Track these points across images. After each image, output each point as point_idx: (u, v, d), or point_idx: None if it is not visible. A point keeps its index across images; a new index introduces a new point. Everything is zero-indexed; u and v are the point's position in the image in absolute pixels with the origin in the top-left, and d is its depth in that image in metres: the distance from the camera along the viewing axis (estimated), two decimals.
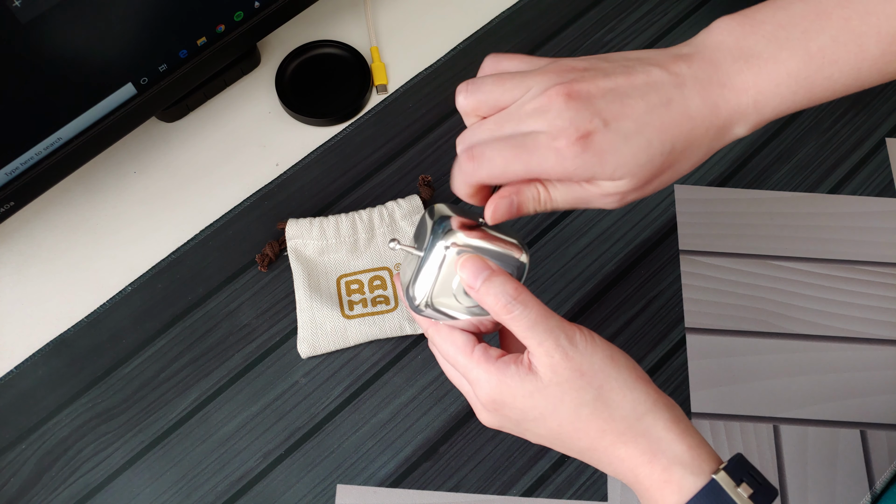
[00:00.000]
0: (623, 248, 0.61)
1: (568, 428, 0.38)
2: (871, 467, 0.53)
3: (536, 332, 0.37)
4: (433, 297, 0.39)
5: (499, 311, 0.37)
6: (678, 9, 0.71)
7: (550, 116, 0.35)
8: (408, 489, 0.52)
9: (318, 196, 0.63)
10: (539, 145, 0.35)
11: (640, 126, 0.35)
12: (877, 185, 0.63)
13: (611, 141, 0.35)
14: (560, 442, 0.39)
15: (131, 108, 0.57)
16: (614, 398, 0.37)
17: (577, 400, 0.37)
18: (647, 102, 0.35)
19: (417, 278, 0.39)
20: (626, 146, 0.35)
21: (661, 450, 0.36)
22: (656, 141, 0.35)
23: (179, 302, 0.59)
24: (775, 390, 0.55)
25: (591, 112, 0.35)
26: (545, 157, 0.35)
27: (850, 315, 0.58)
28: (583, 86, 0.35)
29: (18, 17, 0.45)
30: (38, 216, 0.63)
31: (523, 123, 0.36)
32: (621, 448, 0.37)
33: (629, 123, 0.35)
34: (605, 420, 0.37)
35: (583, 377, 0.37)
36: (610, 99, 0.35)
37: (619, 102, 0.35)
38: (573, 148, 0.34)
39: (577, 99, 0.35)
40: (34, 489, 0.52)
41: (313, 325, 0.56)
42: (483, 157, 0.36)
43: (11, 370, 0.56)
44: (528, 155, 0.35)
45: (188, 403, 0.55)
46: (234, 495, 0.52)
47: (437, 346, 0.41)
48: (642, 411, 0.37)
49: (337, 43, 0.68)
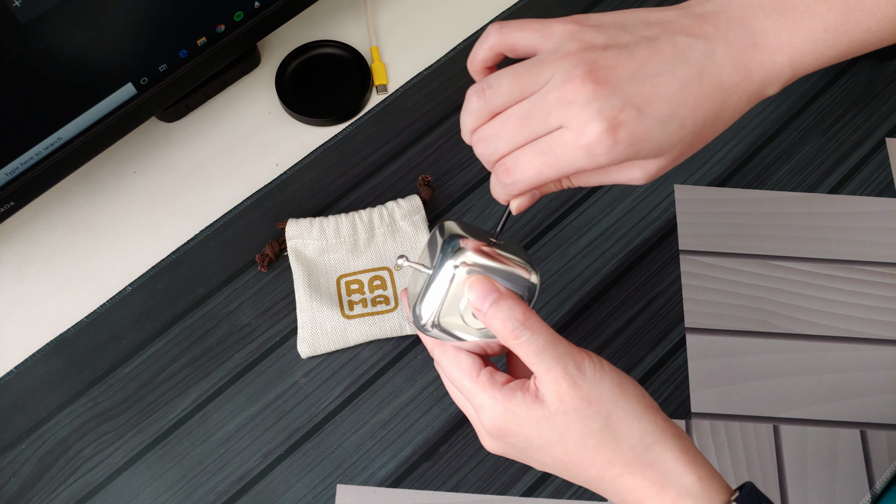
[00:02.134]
0: (623, 248, 0.61)
1: (574, 457, 0.37)
2: (871, 467, 0.53)
3: (544, 358, 0.36)
4: (440, 317, 0.38)
5: (506, 335, 0.36)
6: None
7: (577, 108, 0.32)
8: (408, 489, 0.52)
9: (318, 196, 0.63)
10: (567, 146, 0.33)
11: (674, 107, 0.33)
12: (877, 185, 0.63)
13: (646, 128, 0.32)
14: (566, 471, 0.38)
15: (131, 108, 0.57)
16: (622, 428, 0.36)
17: (584, 430, 0.36)
18: (678, 79, 0.33)
19: (425, 297, 0.38)
20: (661, 131, 0.33)
21: (671, 481, 0.35)
22: (689, 120, 0.33)
23: (179, 302, 0.59)
24: (775, 390, 0.55)
25: (621, 100, 0.32)
26: (575, 157, 0.33)
27: (850, 315, 0.58)
28: (608, 70, 0.32)
29: (18, 17, 0.45)
30: (38, 216, 0.63)
31: (549, 117, 0.33)
32: (629, 479, 0.36)
33: (662, 106, 0.33)
34: (613, 450, 0.36)
35: (590, 406, 0.36)
36: (639, 80, 0.33)
37: (650, 83, 0.33)
38: (604, 142, 0.32)
39: (603, 85, 0.32)
40: (34, 489, 0.52)
41: (313, 325, 0.56)
42: (517, 170, 0.34)
43: (11, 370, 0.56)
44: (557, 160, 0.33)
45: (188, 403, 0.55)
46: (234, 495, 0.52)
47: (443, 368, 0.40)
48: (650, 441, 0.36)
49: (337, 43, 0.68)
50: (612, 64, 0.32)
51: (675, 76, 0.33)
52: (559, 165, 0.33)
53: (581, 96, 0.32)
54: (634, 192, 0.63)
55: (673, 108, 0.33)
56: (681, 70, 0.33)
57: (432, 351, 0.40)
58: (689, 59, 0.33)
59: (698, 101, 0.33)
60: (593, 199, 0.63)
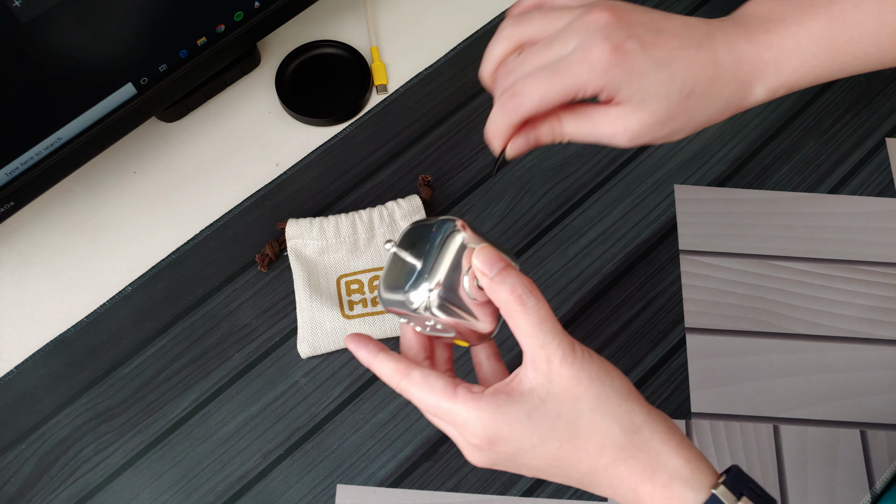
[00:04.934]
0: (623, 248, 0.61)
1: (567, 448, 0.36)
2: (871, 467, 0.53)
3: (543, 329, 0.35)
4: (444, 291, 0.36)
5: (512, 301, 0.36)
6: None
7: (590, 30, 0.37)
8: (408, 489, 0.52)
9: (318, 196, 0.63)
10: (573, 62, 0.36)
11: (670, 58, 0.37)
12: (877, 185, 0.63)
13: (642, 62, 0.37)
14: (559, 469, 0.37)
15: (131, 108, 0.57)
16: (611, 408, 0.36)
17: (574, 412, 0.36)
18: (679, 40, 0.37)
19: (420, 278, 0.37)
20: (654, 72, 0.37)
21: (661, 464, 0.35)
22: (679, 77, 0.37)
23: (179, 302, 0.59)
24: (775, 390, 0.55)
25: (629, 33, 0.37)
26: (578, 71, 0.36)
27: (850, 315, 0.58)
28: (624, 12, 0.37)
29: (18, 17, 0.45)
30: (38, 216, 0.63)
31: (564, 43, 0.37)
32: (621, 466, 0.36)
33: (661, 52, 0.37)
34: (604, 434, 0.36)
35: (579, 385, 0.36)
36: (647, 28, 0.37)
37: (655, 33, 0.37)
38: (606, 59, 0.36)
39: (618, 19, 0.37)
40: (34, 489, 0.52)
41: (313, 325, 0.56)
42: (523, 91, 0.38)
43: (11, 370, 0.56)
44: (561, 76, 0.37)
45: (188, 403, 0.55)
46: (234, 495, 0.52)
47: (415, 399, 0.38)
48: (639, 423, 0.36)
49: (337, 43, 0.68)
50: (630, 10, 0.38)
51: (677, 37, 0.38)
52: (562, 82, 0.37)
53: (596, 21, 0.37)
54: (634, 192, 0.63)
55: (669, 59, 0.37)
56: (684, 36, 0.38)
57: (398, 385, 0.38)
58: (692, 32, 0.38)
59: (691, 64, 0.37)
60: (593, 199, 0.63)
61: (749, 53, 0.38)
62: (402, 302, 0.37)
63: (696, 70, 0.38)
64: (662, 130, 0.39)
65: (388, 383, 0.39)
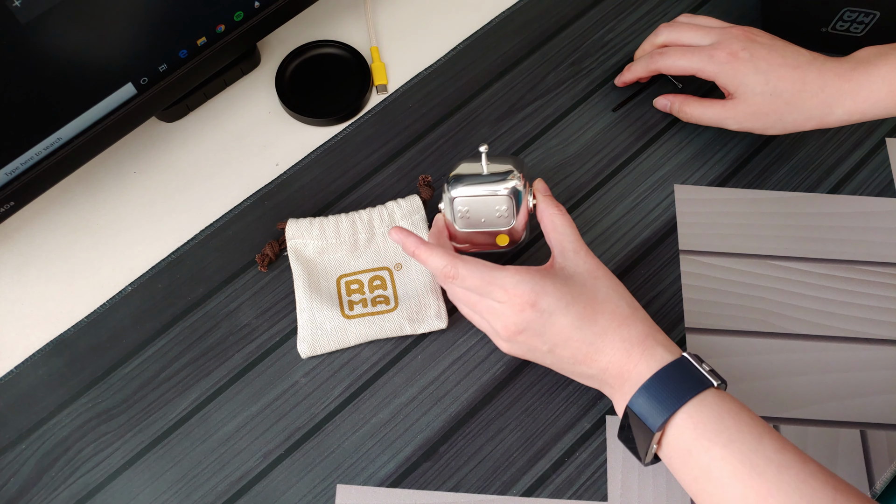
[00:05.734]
0: (623, 248, 0.61)
1: (589, 309, 0.47)
2: (871, 467, 0.53)
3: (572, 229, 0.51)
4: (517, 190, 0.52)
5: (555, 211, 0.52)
6: (678, 9, 0.71)
7: (724, 36, 0.58)
8: (408, 489, 0.52)
9: (318, 196, 0.63)
10: (703, 53, 0.58)
11: (769, 69, 0.55)
12: (877, 185, 0.63)
13: (747, 67, 0.56)
14: (578, 329, 0.47)
15: (131, 108, 0.57)
16: (619, 289, 0.49)
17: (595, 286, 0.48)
18: (783, 59, 0.55)
19: (510, 175, 0.51)
20: (754, 75, 0.55)
21: (650, 334, 0.47)
22: (772, 82, 0.55)
23: (179, 302, 0.59)
24: (775, 390, 0.55)
25: (746, 45, 0.56)
26: (703, 59, 0.57)
27: (850, 315, 0.58)
28: (753, 32, 0.57)
29: (18, 17, 0.45)
30: (38, 216, 0.63)
31: (705, 38, 0.59)
32: (624, 330, 0.47)
33: (763, 64, 0.55)
34: (615, 304, 0.48)
35: (599, 269, 0.49)
36: (762, 46, 0.56)
37: (768, 51, 0.56)
38: (724, 59, 0.56)
39: (745, 36, 0.57)
40: (34, 489, 0.52)
41: (313, 325, 0.56)
42: (668, 54, 0.60)
43: (11, 370, 0.56)
44: (692, 55, 0.58)
45: (188, 403, 0.55)
46: (234, 495, 0.52)
47: (464, 276, 0.48)
48: (635, 306, 0.49)
49: (337, 43, 0.68)
50: (758, 33, 0.58)
51: (782, 57, 0.55)
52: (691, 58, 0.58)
53: (729, 33, 0.58)
54: (634, 192, 0.63)
55: (767, 69, 0.55)
56: (788, 57, 0.55)
57: (450, 264, 0.49)
58: (797, 57, 0.55)
59: (783, 76, 0.55)
60: (593, 199, 0.63)
61: (833, 82, 0.53)
62: (495, 188, 0.51)
63: (786, 82, 0.54)
64: (758, 122, 0.57)
65: (435, 266, 0.49)
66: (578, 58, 0.69)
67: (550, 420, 0.55)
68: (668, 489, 0.52)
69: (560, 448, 0.54)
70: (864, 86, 0.53)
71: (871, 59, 0.53)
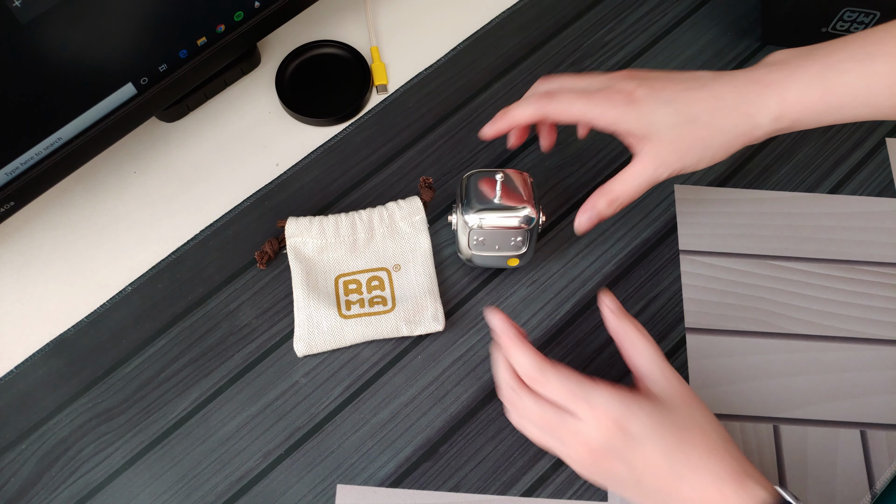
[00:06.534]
0: (623, 248, 0.61)
1: (679, 442, 0.42)
2: (871, 467, 0.53)
3: (658, 354, 0.46)
4: None
5: (636, 334, 0.47)
6: (678, 9, 0.71)
7: (614, 82, 0.49)
8: (408, 489, 0.52)
9: (318, 196, 0.63)
10: (598, 97, 0.49)
11: (675, 97, 0.47)
12: (877, 185, 0.63)
13: (650, 103, 0.47)
14: (668, 463, 0.42)
15: (131, 108, 0.57)
16: (712, 419, 0.44)
17: (692, 418, 0.43)
18: (685, 84, 0.48)
19: (526, 207, 0.53)
20: (661, 108, 0.47)
21: (742, 469, 0.42)
22: (684, 110, 0.47)
23: (179, 302, 0.59)
24: (775, 390, 0.55)
25: (641, 83, 0.48)
26: (600, 103, 0.49)
27: (850, 315, 0.58)
28: (641, 70, 0.50)
29: (18, 17, 0.45)
30: (38, 216, 0.63)
31: (594, 82, 0.50)
32: (716, 464, 0.42)
33: (666, 94, 0.48)
34: (707, 435, 0.43)
35: (691, 395, 0.44)
36: (658, 79, 0.49)
37: (664, 82, 0.48)
38: (622, 100, 0.48)
39: (635, 77, 0.49)
40: (34, 489, 0.52)
41: (310, 323, 0.56)
42: (557, 97, 0.50)
43: (11, 370, 0.56)
44: (588, 100, 0.49)
45: (188, 403, 0.55)
46: (234, 495, 0.52)
47: (552, 386, 0.44)
48: (726, 436, 0.44)
49: (337, 43, 0.68)
50: (646, 70, 0.51)
51: (683, 82, 0.48)
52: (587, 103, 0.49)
53: (620, 77, 0.50)
54: None
55: (673, 98, 0.47)
56: (689, 81, 0.48)
57: (538, 369, 0.44)
58: (699, 78, 0.48)
59: (693, 99, 0.47)
60: None
61: (750, 89, 0.46)
62: (510, 221, 0.52)
63: (698, 104, 0.47)
64: (687, 158, 0.48)
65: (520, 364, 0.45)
66: (578, 58, 0.69)
67: None
68: None
69: None
70: (791, 87, 0.46)
71: (789, 61, 0.47)
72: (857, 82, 0.44)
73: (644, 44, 0.69)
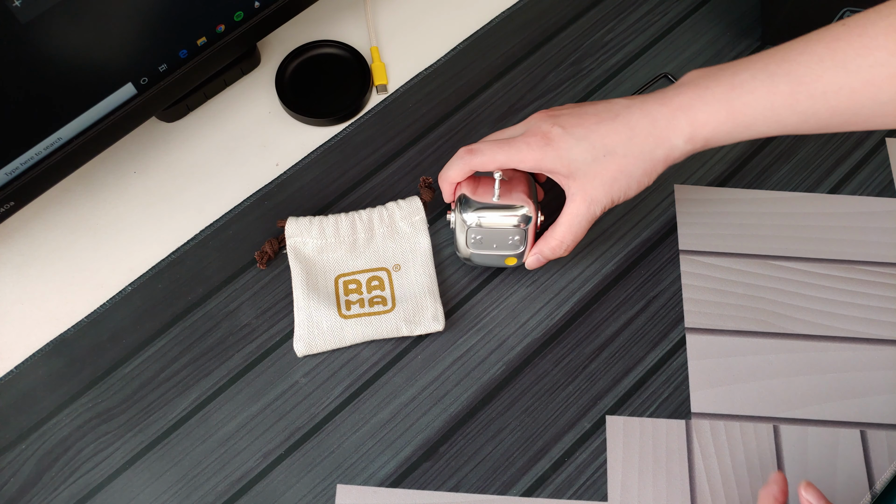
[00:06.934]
0: (623, 248, 0.61)
1: None
2: (871, 467, 0.53)
3: None
4: None
5: None
6: (678, 9, 0.71)
7: (530, 125, 0.51)
8: (408, 489, 0.52)
9: (318, 196, 0.63)
10: (518, 142, 0.50)
11: (588, 133, 0.49)
12: (877, 185, 0.63)
13: (566, 141, 0.49)
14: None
15: (131, 108, 0.57)
16: None
17: None
18: (598, 118, 0.49)
19: (526, 207, 0.53)
20: (577, 146, 0.49)
21: None
22: (599, 144, 0.48)
23: (179, 302, 0.59)
24: (775, 390, 0.55)
25: (555, 122, 0.50)
26: (520, 148, 0.50)
27: (850, 315, 0.58)
28: (555, 109, 0.52)
29: (18, 17, 0.45)
30: (38, 216, 0.63)
31: (513, 131, 0.53)
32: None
33: (581, 130, 0.49)
34: None
35: None
36: (570, 116, 0.50)
37: (578, 118, 0.50)
38: (539, 142, 0.49)
39: (549, 116, 0.51)
40: (34, 489, 0.52)
41: (310, 323, 0.56)
42: (480, 151, 0.51)
43: (11, 370, 0.56)
44: (509, 147, 0.50)
45: (188, 403, 0.55)
46: (234, 495, 0.52)
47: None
48: None
49: (337, 43, 0.68)
50: (560, 108, 0.52)
51: (596, 115, 0.49)
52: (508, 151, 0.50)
53: (534, 120, 0.51)
54: None
55: (587, 133, 0.49)
56: (603, 114, 0.49)
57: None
58: (612, 108, 0.49)
59: (607, 132, 0.48)
60: None
61: (661, 113, 0.47)
62: (508, 220, 0.53)
63: (612, 136, 0.48)
64: (613, 190, 0.49)
65: None
66: (578, 58, 0.69)
67: (550, 420, 0.55)
68: (668, 489, 0.52)
69: (560, 448, 0.54)
70: (699, 109, 0.46)
71: (698, 82, 0.47)
72: (760, 102, 0.45)
73: (644, 44, 0.69)
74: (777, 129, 0.46)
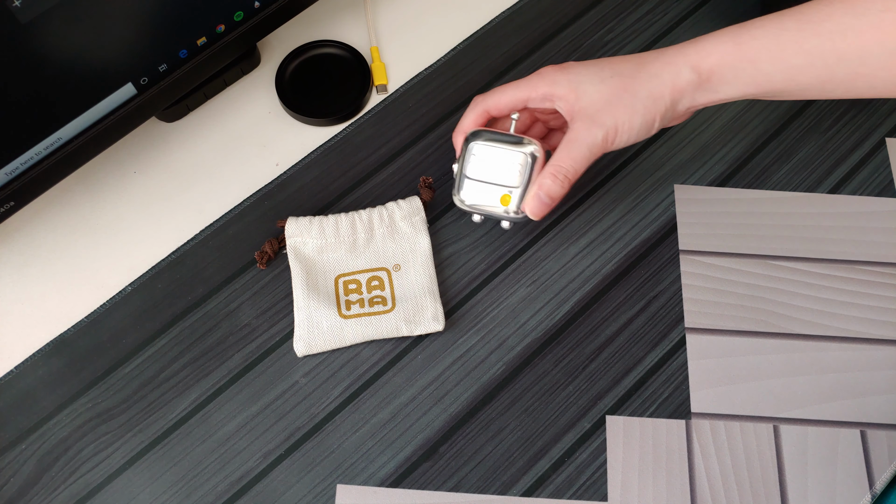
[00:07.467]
0: (623, 248, 0.61)
1: None
2: (871, 467, 0.53)
3: None
4: None
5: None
6: (678, 9, 0.71)
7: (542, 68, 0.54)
8: (408, 489, 0.52)
9: (318, 196, 0.63)
10: (530, 76, 0.53)
11: (600, 65, 0.52)
12: (877, 185, 0.63)
13: (577, 69, 0.52)
14: None
15: (131, 108, 0.57)
16: None
17: None
18: (608, 59, 0.53)
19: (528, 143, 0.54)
20: (586, 70, 0.52)
21: None
22: (607, 68, 0.51)
23: (179, 302, 0.59)
24: (775, 390, 0.55)
25: (565, 63, 0.53)
26: (531, 79, 0.53)
27: (850, 315, 0.58)
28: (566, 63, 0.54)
29: (18, 17, 0.45)
30: (38, 216, 0.63)
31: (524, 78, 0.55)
32: None
33: (592, 64, 0.52)
34: None
35: None
36: (579, 63, 0.53)
37: (586, 61, 0.53)
38: (550, 71, 0.53)
39: (560, 65, 0.54)
40: (34, 489, 0.52)
41: (310, 323, 0.56)
42: (491, 91, 0.55)
43: (11, 370, 0.56)
44: (520, 82, 0.53)
45: (188, 403, 0.55)
46: (234, 495, 0.52)
47: None
48: None
49: (337, 43, 0.68)
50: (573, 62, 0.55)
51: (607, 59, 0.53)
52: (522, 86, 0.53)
53: (546, 67, 0.54)
54: (634, 192, 0.63)
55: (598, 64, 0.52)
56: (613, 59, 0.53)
57: None
58: (623, 57, 0.53)
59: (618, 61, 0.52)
60: (593, 199, 0.63)
61: (669, 48, 0.51)
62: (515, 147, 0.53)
63: (621, 63, 0.51)
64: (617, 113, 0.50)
65: None
66: (578, 58, 0.69)
67: (550, 420, 0.55)
68: (668, 489, 0.52)
69: (560, 448, 0.54)
70: (706, 40, 0.50)
71: (706, 36, 0.51)
72: (767, 34, 0.48)
73: (644, 44, 0.69)
74: (783, 69, 0.48)
